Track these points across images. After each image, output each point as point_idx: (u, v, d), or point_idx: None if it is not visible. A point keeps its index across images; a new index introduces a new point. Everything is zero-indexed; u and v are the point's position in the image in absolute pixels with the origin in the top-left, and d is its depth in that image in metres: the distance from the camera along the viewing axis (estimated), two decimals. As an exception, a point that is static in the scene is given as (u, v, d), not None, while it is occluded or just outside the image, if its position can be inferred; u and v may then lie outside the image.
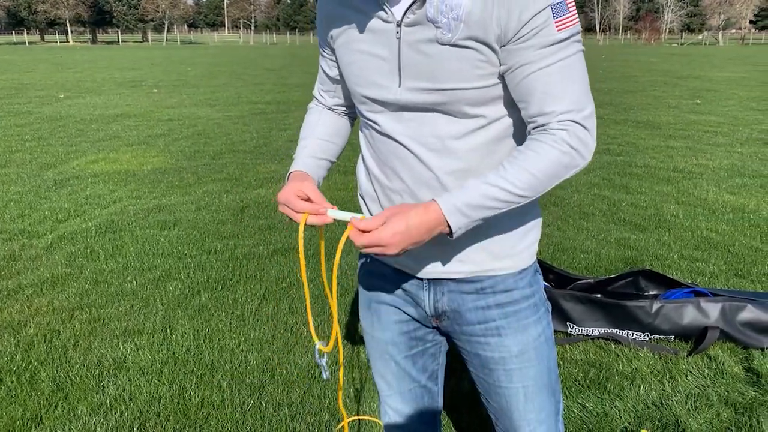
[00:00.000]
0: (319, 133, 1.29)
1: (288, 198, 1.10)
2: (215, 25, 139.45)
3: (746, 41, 79.55)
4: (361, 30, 1.10)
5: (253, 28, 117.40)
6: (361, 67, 1.11)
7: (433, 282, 1.20)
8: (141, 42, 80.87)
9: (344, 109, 1.34)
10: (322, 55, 1.27)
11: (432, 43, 1.02)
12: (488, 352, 1.21)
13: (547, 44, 0.98)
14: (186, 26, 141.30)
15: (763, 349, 2.73)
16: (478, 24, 0.99)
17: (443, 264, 1.17)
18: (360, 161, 1.27)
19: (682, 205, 5.06)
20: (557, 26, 0.97)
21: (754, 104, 11.88)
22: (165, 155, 7.13)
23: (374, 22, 1.07)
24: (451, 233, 1.02)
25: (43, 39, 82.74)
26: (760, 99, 12.78)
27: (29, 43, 68.90)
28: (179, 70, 22.73)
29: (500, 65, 1.03)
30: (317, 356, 1.24)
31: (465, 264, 1.16)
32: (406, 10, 1.03)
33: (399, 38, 1.05)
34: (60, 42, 75.72)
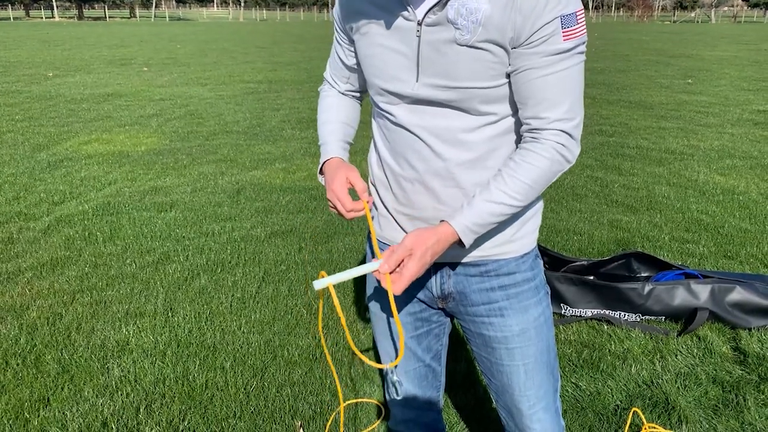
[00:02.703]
0: (342, 117, 1.35)
1: (341, 195, 1.20)
2: (204, 1, 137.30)
3: (738, 19, 79.38)
4: (382, 26, 1.15)
5: (242, 3, 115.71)
6: (381, 60, 1.16)
7: (440, 266, 1.27)
8: (129, 18, 79.58)
9: (356, 93, 1.40)
10: (339, 44, 1.30)
11: (450, 44, 1.08)
12: (491, 332, 1.28)
13: (553, 52, 1.04)
14: (174, 1, 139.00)
15: (750, 330, 2.82)
16: (496, 27, 1.04)
17: (450, 249, 1.23)
18: (372, 149, 1.32)
19: (673, 187, 5.13)
20: (564, 36, 1.04)
21: (745, 84, 11.94)
22: (158, 136, 7.11)
23: (396, 20, 1.12)
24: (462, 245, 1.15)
25: (28, 15, 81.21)
26: (751, 78, 12.84)
27: (14, 18, 67.64)
28: (169, 47, 22.46)
29: (508, 65, 1.08)
30: (389, 374, 1.34)
31: (470, 249, 1.23)
32: (428, 11, 1.08)
33: (419, 36, 1.10)
34: (46, 18, 74.38)
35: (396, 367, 1.40)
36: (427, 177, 1.18)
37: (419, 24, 1.09)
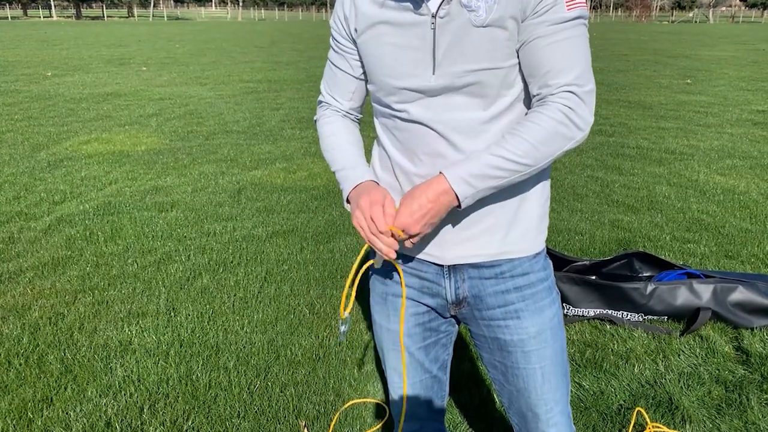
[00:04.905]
0: (358, 144, 1.31)
1: (375, 213, 1.12)
2: (202, 0, 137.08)
3: (736, 19, 79.54)
4: (393, 24, 1.14)
5: (240, 3, 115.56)
6: (393, 58, 1.15)
7: (453, 269, 1.25)
8: (127, 17, 79.46)
9: (357, 114, 1.36)
10: (342, 55, 1.26)
11: (466, 28, 1.08)
12: (507, 335, 1.26)
13: (557, 21, 1.06)
14: (172, 1, 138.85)
15: (752, 329, 2.82)
16: (509, 1, 1.07)
17: (465, 249, 1.22)
18: (376, 152, 1.30)
19: (673, 187, 5.14)
20: (568, 5, 1.06)
21: (744, 84, 11.96)
22: (158, 135, 7.10)
23: (408, 16, 1.12)
24: (459, 204, 1.09)
25: (26, 14, 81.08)
26: (750, 78, 12.86)
27: (12, 18, 67.47)
28: (167, 47, 22.43)
29: (517, 41, 1.10)
30: (341, 324, 1.28)
31: (484, 247, 1.22)
32: (441, 2, 1.08)
33: (434, 29, 1.10)
34: (44, 17, 74.22)
35: (347, 317, 1.33)
36: None
37: (433, 17, 1.09)
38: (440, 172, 1.09)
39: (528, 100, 1.16)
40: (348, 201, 1.23)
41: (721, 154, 6.26)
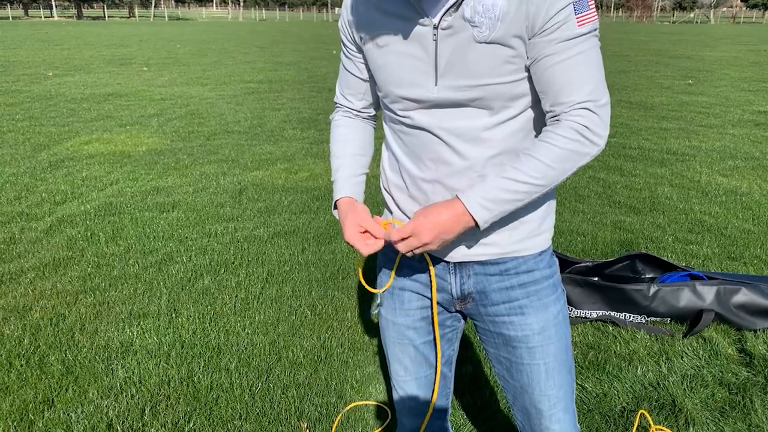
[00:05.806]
0: (354, 149, 1.33)
1: (356, 241, 1.19)
2: (203, 0, 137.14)
3: (737, 20, 79.54)
4: (396, 34, 1.14)
5: (241, 3, 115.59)
6: (398, 67, 1.15)
7: (459, 265, 1.26)
8: (128, 17, 79.50)
9: (371, 111, 1.38)
10: (348, 58, 1.29)
11: (469, 42, 1.08)
12: (511, 331, 1.27)
13: (569, 38, 1.05)
14: (173, 1, 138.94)
15: (755, 331, 2.81)
16: (513, 21, 1.05)
17: (470, 248, 1.23)
18: (385, 154, 1.31)
19: (675, 188, 5.13)
20: (578, 21, 1.04)
21: (746, 84, 11.95)
22: (159, 136, 7.09)
23: (410, 26, 1.12)
24: (477, 226, 1.10)
25: (27, 14, 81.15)
26: (752, 79, 12.85)
27: (13, 18, 67.52)
28: (168, 47, 22.43)
29: (527, 58, 1.09)
30: (376, 299, 1.35)
31: (490, 247, 1.23)
32: (444, 14, 1.07)
33: (436, 40, 1.10)
34: (45, 17, 74.27)
35: (383, 293, 1.38)
36: (448, 177, 1.18)
37: (435, 28, 1.09)
38: (456, 197, 1.10)
39: (536, 109, 1.16)
40: (336, 207, 1.31)
41: (723, 155, 6.24)
